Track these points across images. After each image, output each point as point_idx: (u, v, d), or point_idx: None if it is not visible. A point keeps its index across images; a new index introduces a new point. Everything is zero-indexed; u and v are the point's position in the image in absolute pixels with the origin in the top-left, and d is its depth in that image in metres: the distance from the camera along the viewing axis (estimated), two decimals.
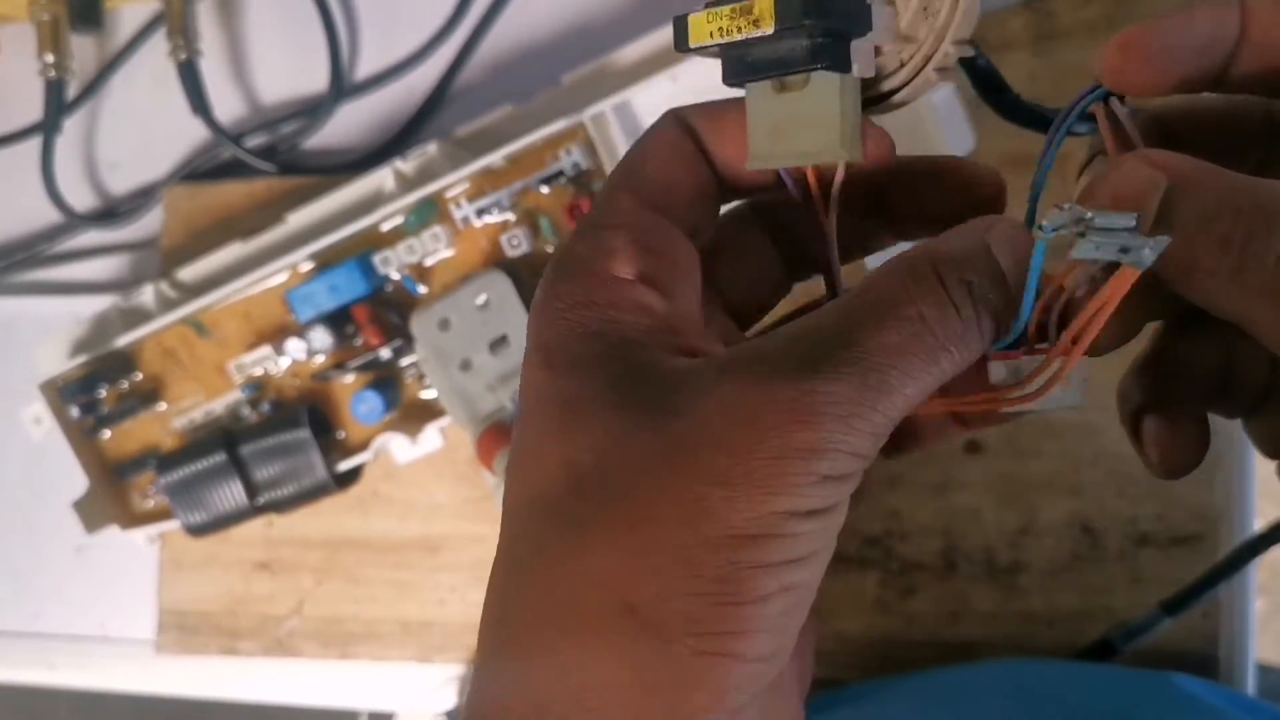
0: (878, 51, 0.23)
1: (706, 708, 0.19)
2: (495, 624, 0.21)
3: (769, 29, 0.22)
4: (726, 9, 0.22)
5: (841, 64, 0.22)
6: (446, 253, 0.51)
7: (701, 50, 0.23)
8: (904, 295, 0.20)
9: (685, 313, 0.23)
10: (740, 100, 0.24)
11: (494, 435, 0.49)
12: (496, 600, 0.21)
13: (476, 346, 0.50)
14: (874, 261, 0.26)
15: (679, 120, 0.24)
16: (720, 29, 0.22)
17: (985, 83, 0.24)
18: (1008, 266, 0.21)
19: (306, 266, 0.52)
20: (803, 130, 0.23)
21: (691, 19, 0.23)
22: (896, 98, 0.23)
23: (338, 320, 0.52)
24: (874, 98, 0.23)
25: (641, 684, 0.19)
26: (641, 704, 0.19)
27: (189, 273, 0.55)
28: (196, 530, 0.53)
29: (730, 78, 0.23)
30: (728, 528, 0.19)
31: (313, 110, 0.58)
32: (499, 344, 0.50)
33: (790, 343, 0.20)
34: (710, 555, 0.19)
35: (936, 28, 0.22)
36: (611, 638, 0.19)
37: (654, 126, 0.24)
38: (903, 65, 0.23)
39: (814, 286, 0.26)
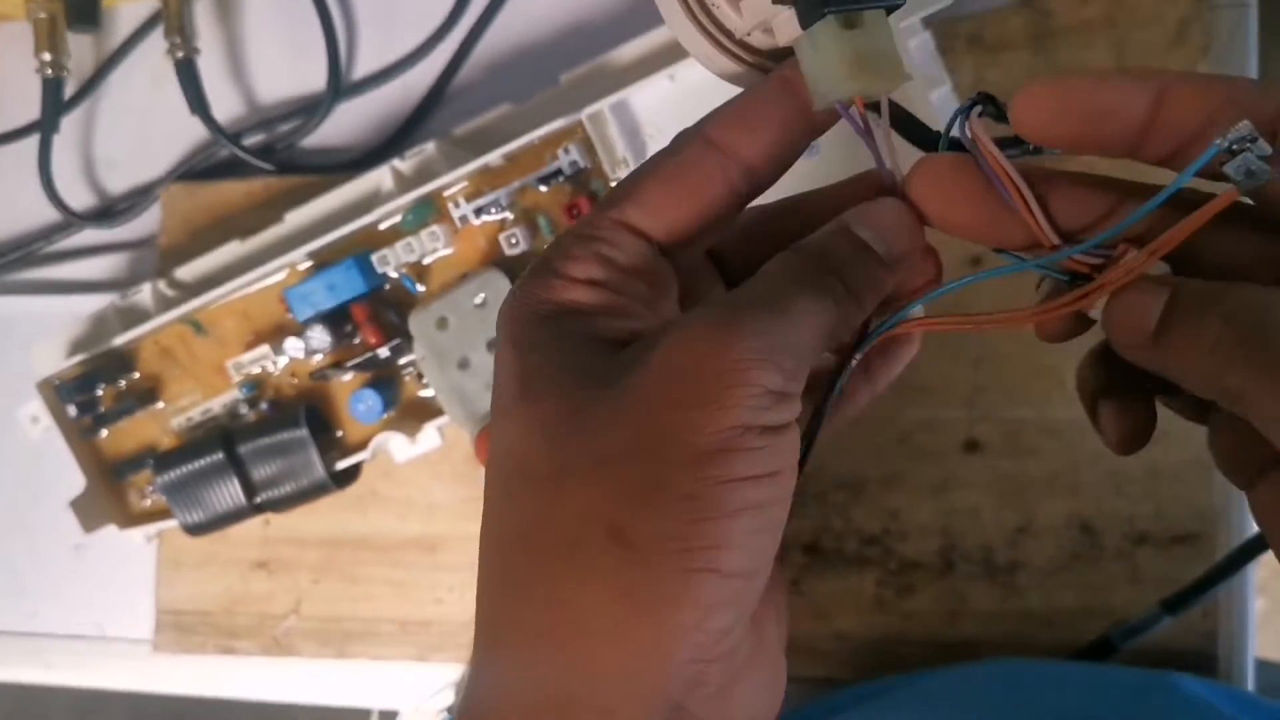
0: None
1: (694, 624, 0.20)
2: (494, 570, 0.23)
3: None
4: None
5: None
6: (445, 251, 0.51)
7: None
8: (787, 294, 0.23)
9: (638, 304, 0.24)
10: (756, 91, 0.25)
11: None
12: (494, 549, 0.23)
13: (475, 345, 0.50)
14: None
15: (702, 138, 0.25)
16: None
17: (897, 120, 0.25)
18: (879, 237, 0.24)
19: (305, 265, 0.52)
20: (875, 62, 0.24)
21: None
22: None
23: (336, 319, 0.52)
24: None
25: (629, 602, 0.20)
26: (630, 622, 0.20)
27: (187, 271, 0.54)
28: (194, 529, 0.53)
29: (808, 16, 0.24)
30: (692, 448, 0.20)
31: (311, 109, 0.58)
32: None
33: (715, 303, 0.23)
34: (680, 474, 0.20)
35: None
36: (600, 560, 0.21)
37: (671, 149, 0.25)
38: None
39: None
